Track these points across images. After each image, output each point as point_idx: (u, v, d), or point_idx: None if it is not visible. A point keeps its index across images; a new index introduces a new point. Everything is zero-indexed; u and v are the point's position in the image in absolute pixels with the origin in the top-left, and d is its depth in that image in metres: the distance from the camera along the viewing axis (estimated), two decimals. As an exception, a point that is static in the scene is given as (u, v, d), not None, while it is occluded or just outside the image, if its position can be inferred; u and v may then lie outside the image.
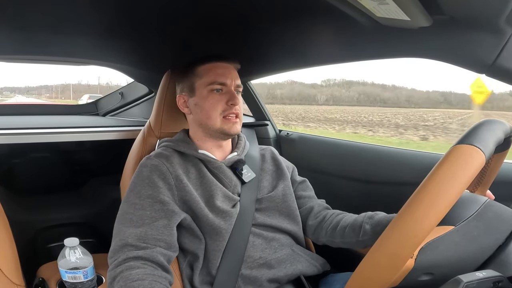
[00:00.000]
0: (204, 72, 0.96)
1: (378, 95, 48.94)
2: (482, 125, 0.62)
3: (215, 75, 0.95)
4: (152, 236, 0.82)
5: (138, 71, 1.59)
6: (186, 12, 1.01)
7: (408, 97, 48.08)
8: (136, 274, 0.75)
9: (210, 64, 0.97)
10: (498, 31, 0.66)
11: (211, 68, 0.96)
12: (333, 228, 0.94)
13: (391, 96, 48.20)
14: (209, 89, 0.95)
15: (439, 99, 46.78)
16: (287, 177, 1.03)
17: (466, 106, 36.94)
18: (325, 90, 55.90)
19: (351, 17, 0.79)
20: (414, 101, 46.20)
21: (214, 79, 0.95)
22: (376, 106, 39.04)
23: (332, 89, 48.36)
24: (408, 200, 0.57)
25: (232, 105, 0.94)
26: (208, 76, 0.95)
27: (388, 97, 48.32)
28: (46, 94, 47.08)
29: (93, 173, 1.82)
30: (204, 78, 0.96)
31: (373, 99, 47.75)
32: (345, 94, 47.69)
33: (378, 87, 53.94)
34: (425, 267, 0.61)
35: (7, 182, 1.57)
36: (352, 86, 54.79)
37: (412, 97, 48.39)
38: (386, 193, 1.20)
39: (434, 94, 49.64)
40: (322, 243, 1.00)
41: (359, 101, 46.07)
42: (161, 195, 0.87)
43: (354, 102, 44.70)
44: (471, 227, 0.64)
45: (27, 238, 1.56)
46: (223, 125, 0.94)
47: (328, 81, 58.08)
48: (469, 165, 0.56)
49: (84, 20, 1.06)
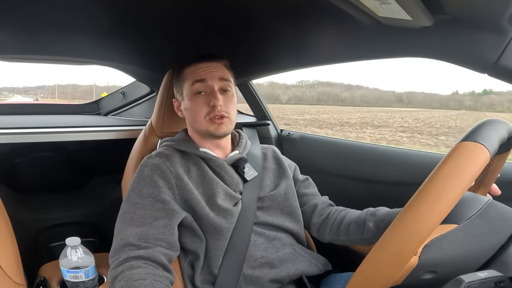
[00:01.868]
0: (188, 75, 0.97)
1: (337, 95, 50.42)
2: (486, 124, 0.62)
3: (196, 75, 0.95)
4: (153, 235, 0.82)
5: (140, 71, 1.60)
6: (188, 12, 1.01)
7: (362, 96, 50.01)
8: (137, 274, 0.75)
9: (194, 66, 0.97)
10: (501, 30, 0.66)
11: (194, 69, 0.96)
12: (337, 226, 0.94)
13: (348, 96, 49.75)
14: (193, 91, 0.95)
15: (391, 98, 48.28)
16: (289, 176, 1.03)
17: (417, 105, 38.27)
18: (287, 91, 56.83)
19: (353, 17, 0.79)
20: (367, 100, 47.89)
21: (195, 80, 0.95)
22: (328, 105, 40.51)
23: (296, 90, 49.56)
24: (413, 196, 0.57)
25: (213, 107, 0.93)
26: (191, 78, 0.96)
27: (345, 96, 49.75)
28: (40, 94, 47.36)
29: (94, 173, 1.83)
30: (188, 81, 0.96)
31: (331, 98, 49.17)
32: (308, 94, 49.09)
33: (339, 87, 55.68)
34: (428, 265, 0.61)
35: (9, 181, 1.58)
36: (319, 87, 56.43)
37: (365, 96, 50.28)
38: (388, 193, 1.20)
39: (387, 93, 51.73)
40: (327, 241, 1.00)
41: (319, 100, 47.33)
42: (162, 195, 0.87)
43: (314, 101, 45.82)
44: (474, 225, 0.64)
45: (29, 237, 1.56)
46: (209, 127, 0.94)
47: (302, 82, 59.09)
48: (474, 162, 0.56)
49: (87, 20, 1.06)
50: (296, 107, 26.30)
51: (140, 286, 0.73)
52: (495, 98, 46.44)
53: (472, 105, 23.09)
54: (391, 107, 40.11)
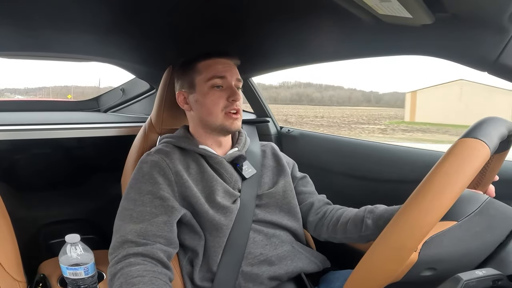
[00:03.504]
0: (204, 69, 0.96)
1: (309, 95, 51.69)
2: (486, 121, 0.62)
3: (216, 71, 0.95)
4: (152, 232, 0.83)
5: (139, 67, 1.59)
6: (188, 9, 1.01)
7: (331, 96, 51.60)
8: (136, 271, 0.75)
9: (211, 60, 0.97)
10: (501, 29, 0.66)
11: (211, 64, 0.96)
12: (334, 224, 0.94)
13: (318, 96, 51.07)
14: (210, 85, 0.95)
15: (359, 98, 49.55)
16: (287, 173, 1.03)
17: (384, 105, 39.46)
18: (264, 92, 57.75)
19: (353, 14, 0.79)
20: (335, 100, 49.21)
21: (215, 75, 0.94)
22: (302, 105, 41.76)
23: (273, 91, 50.61)
24: (414, 192, 0.57)
25: (233, 101, 0.94)
26: (209, 72, 0.95)
27: (315, 96, 51.06)
28: (39, 95, 47.52)
29: (94, 169, 1.82)
30: (204, 74, 0.96)
31: (304, 98, 50.49)
32: (282, 95, 50.41)
33: (314, 88, 56.89)
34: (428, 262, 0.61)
35: (9, 178, 1.57)
36: (295, 88, 57.53)
37: (334, 96, 51.90)
38: (387, 190, 1.20)
39: (357, 93, 53.28)
40: (324, 239, 1.00)
41: (291, 101, 48.53)
42: (161, 191, 0.87)
43: (287, 101, 46.94)
44: (473, 223, 0.64)
45: (29, 234, 1.56)
46: (225, 121, 0.94)
47: (284, 83, 59.80)
48: (475, 158, 0.56)
49: (86, 16, 1.06)
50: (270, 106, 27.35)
51: (139, 283, 0.73)
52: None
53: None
54: (359, 106, 41.04)
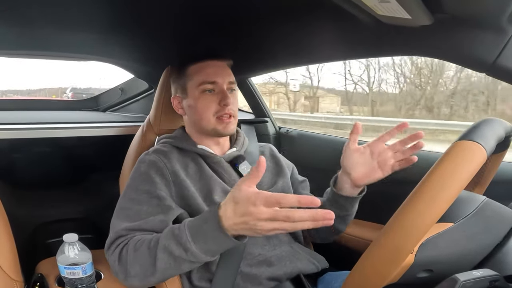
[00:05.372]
0: (194, 72, 0.95)
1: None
2: (483, 123, 0.62)
3: (206, 75, 0.94)
4: (148, 229, 0.83)
5: (138, 67, 1.59)
6: (187, 9, 1.01)
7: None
8: (138, 239, 0.78)
9: (200, 63, 0.96)
10: (500, 30, 0.66)
11: (201, 67, 0.95)
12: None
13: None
14: (201, 89, 0.94)
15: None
16: (286, 174, 1.03)
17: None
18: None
19: (352, 15, 0.79)
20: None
21: (205, 79, 0.94)
22: None
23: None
24: (410, 194, 0.57)
25: (225, 106, 0.93)
26: (199, 76, 0.95)
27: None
28: (40, 97, 47.65)
29: (92, 169, 1.82)
30: (195, 79, 0.95)
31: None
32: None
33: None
34: (424, 263, 0.61)
35: (7, 177, 1.57)
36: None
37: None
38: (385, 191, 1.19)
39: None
40: (321, 240, 1.00)
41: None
42: (158, 191, 0.87)
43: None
44: (470, 224, 0.64)
45: (26, 233, 1.56)
46: (217, 126, 0.94)
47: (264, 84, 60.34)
48: (471, 161, 0.56)
49: (86, 15, 1.06)
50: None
51: (146, 240, 0.76)
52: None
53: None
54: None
